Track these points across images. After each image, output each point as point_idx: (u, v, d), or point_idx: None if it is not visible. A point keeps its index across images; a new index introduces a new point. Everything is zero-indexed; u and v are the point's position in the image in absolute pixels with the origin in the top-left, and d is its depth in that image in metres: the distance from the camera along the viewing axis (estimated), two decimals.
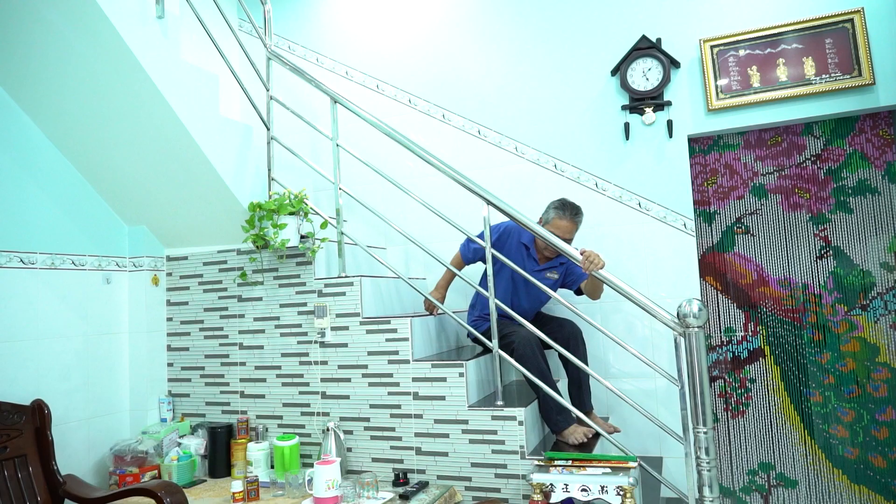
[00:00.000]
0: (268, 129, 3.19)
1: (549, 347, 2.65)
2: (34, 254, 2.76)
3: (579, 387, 2.85)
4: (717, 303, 3.24)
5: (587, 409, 2.84)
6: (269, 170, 3.15)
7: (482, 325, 2.90)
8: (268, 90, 3.23)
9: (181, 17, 2.93)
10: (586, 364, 2.71)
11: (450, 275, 3.06)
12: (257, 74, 3.19)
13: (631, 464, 2.16)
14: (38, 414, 2.56)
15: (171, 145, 2.74)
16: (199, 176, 2.84)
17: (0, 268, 2.62)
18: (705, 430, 2.02)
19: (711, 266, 3.26)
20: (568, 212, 2.80)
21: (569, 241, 2.77)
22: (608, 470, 2.13)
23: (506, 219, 2.68)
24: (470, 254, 2.98)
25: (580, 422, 2.60)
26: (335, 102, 3.01)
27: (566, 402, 2.57)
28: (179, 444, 2.91)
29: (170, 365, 3.24)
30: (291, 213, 2.89)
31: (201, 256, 3.21)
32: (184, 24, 2.92)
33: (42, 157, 2.85)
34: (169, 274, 3.28)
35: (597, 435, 2.64)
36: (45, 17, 2.38)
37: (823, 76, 2.99)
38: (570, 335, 2.85)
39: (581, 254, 2.42)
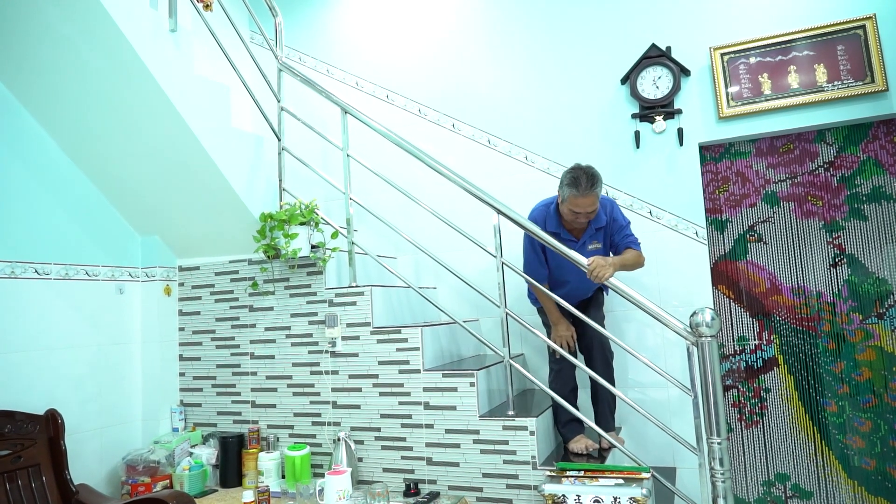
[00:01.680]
0: (279, 140, 3.21)
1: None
2: (48, 264, 2.79)
3: (596, 401, 2.80)
4: (730, 311, 3.21)
5: (603, 426, 2.68)
6: (280, 180, 3.18)
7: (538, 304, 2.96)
8: (279, 101, 3.26)
9: (193, 30, 2.97)
10: (608, 379, 2.66)
11: (549, 301, 2.80)
12: (268, 86, 3.22)
13: (644, 475, 2.14)
14: (51, 423, 2.59)
15: (183, 156, 2.77)
16: (210, 187, 2.87)
17: (15, 278, 2.65)
18: (719, 440, 2.00)
19: (724, 274, 3.23)
20: (583, 186, 2.50)
21: (593, 212, 2.58)
22: (621, 481, 2.11)
23: (519, 223, 2.61)
24: (539, 276, 2.78)
25: (603, 434, 2.56)
26: (345, 113, 3.03)
27: (577, 413, 2.56)
28: (191, 454, 2.92)
29: (181, 375, 3.25)
30: (302, 224, 2.90)
31: (213, 266, 3.23)
32: (196, 37, 2.95)
33: (56, 168, 2.88)
34: (181, 284, 3.30)
35: (609, 446, 2.62)
36: (60, 32, 2.42)
37: (835, 83, 2.98)
38: (593, 345, 2.76)
39: (588, 264, 2.39)
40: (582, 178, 2.52)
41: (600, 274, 2.36)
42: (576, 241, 2.71)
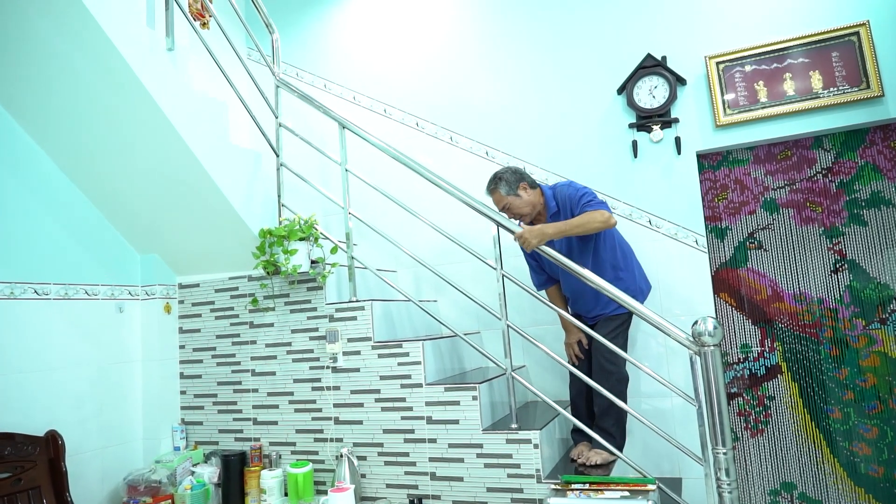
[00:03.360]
0: (277, 156, 3.22)
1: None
2: (48, 284, 2.79)
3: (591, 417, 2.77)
4: (732, 319, 3.20)
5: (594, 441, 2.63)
6: (279, 196, 3.18)
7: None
8: (276, 117, 3.27)
9: (190, 48, 2.98)
10: (605, 400, 2.56)
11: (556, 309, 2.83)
12: (266, 102, 3.23)
13: (650, 486, 2.12)
14: (51, 445, 2.57)
15: (181, 174, 2.77)
16: (209, 203, 2.87)
17: (14, 299, 2.65)
18: (725, 450, 1.98)
19: (725, 282, 3.22)
20: (486, 188, 2.79)
21: (506, 209, 2.74)
22: (627, 493, 2.09)
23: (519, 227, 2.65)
24: (536, 282, 2.98)
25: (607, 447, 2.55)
26: (343, 128, 3.04)
27: (578, 423, 2.55)
28: (193, 473, 2.89)
29: (182, 393, 3.23)
30: (302, 239, 2.90)
31: (213, 283, 3.22)
32: (193, 54, 2.97)
33: (55, 188, 2.88)
34: (181, 301, 3.29)
35: (615, 458, 2.59)
36: (57, 52, 2.43)
37: (831, 89, 2.98)
38: (593, 367, 2.73)
39: (515, 235, 2.55)
40: (489, 181, 2.78)
41: (523, 244, 2.53)
42: None
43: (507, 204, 2.73)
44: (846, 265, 3.03)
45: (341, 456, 2.67)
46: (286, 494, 2.77)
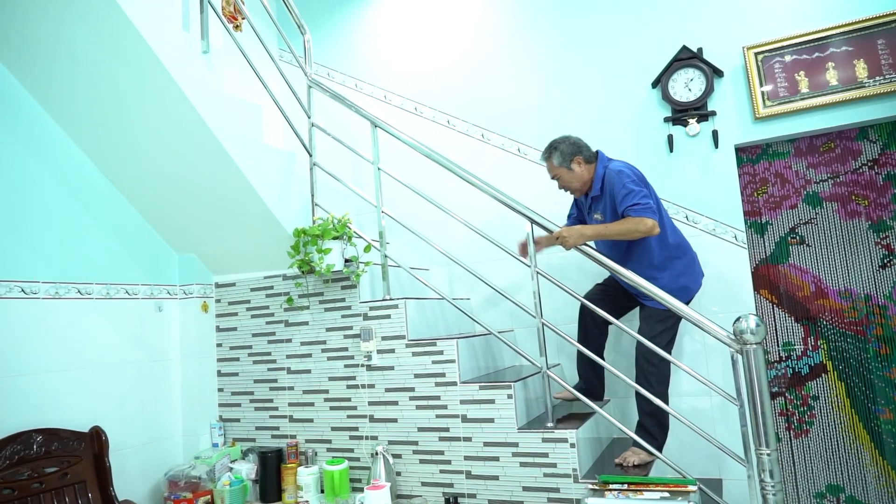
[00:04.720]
0: (310, 156, 3.24)
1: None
2: (90, 284, 2.86)
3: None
4: (774, 317, 3.11)
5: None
6: (313, 195, 3.20)
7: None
8: (309, 117, 3.30)
9: (224, 50, 3.02)
10: (641, 395, 2.51)
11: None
12: (299, 102, 3.26)
13: (690, 487, 2.08)
14: (96, 441, 2.63)
15: (217, 175, 2.81)
16: (244, 204, 2.90)
17: (59, 298, 2.72)
18: (769, 451, 1.93)
19: (765, 279, 3.14)
20: (541, 155, 2.84)
21: (556, 178, 2.80)
22: (666, 494, 2.05)
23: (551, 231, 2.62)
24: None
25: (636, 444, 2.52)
26: (375, 126, 3.04)
27: (617, 423, 2.50)
28: (231, 469, 2.93)
29: (220, 390, 3.28)
30: (335, 238, 2.91)
31: (248, 282, 3.26)
32: (227, 56, 3.01)
33: (96, 190, 2.95)
34: (218, 300, 3.34)
35: (653, 458, 2.55)
36: (94, 57, 2.48)
37: (877, 78, 2.88)
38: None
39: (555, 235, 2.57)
40: (545, 147, 2.80)
41: (562, 244, 2.56)
42: (586, 204, 2.85)
43: (558, 175, 2.77)
44: (894, 260, 2.93)
45: (377, 454, 2.68)
46: (322, 491, 2.79)
